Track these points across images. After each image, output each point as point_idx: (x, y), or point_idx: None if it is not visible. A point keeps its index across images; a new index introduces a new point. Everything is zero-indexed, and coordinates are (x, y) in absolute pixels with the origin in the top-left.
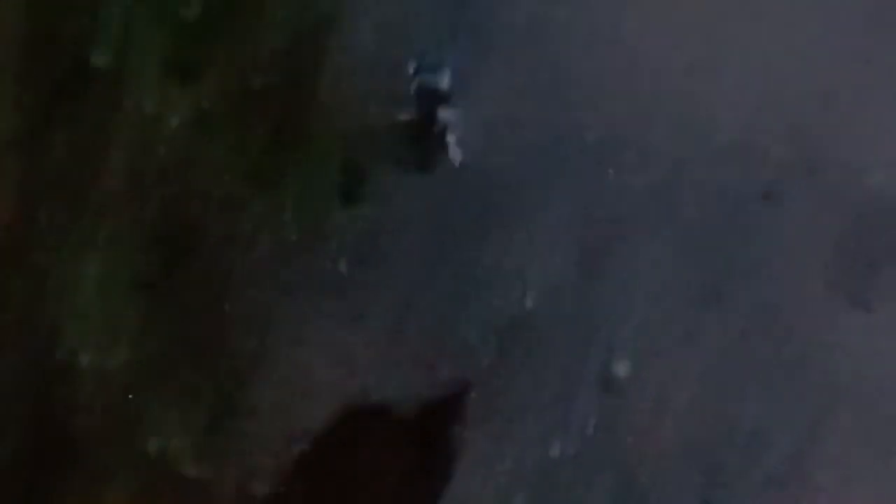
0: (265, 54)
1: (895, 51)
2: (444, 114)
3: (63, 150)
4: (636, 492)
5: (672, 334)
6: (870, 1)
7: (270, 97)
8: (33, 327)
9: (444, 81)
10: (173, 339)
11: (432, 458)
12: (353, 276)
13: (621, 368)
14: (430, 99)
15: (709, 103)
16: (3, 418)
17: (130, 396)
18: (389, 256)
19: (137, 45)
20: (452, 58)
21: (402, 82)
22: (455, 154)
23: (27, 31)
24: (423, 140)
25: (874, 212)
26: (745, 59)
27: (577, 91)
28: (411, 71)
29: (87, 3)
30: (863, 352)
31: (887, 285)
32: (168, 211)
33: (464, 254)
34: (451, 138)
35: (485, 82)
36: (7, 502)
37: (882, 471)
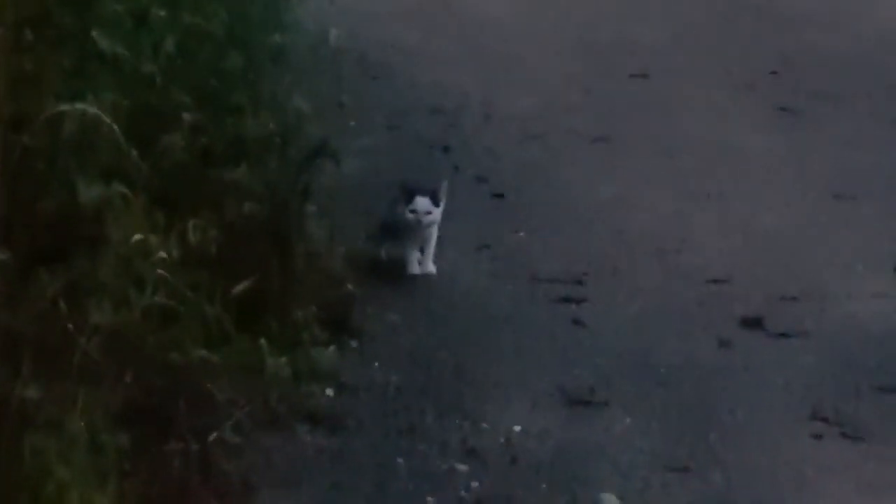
0: (254, 186)
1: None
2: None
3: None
4: None
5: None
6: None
7: (257, 228)
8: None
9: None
10: (157, 479)
11: None
12: (340, 407)
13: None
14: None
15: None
16: None
17: None
18: (376, 386)
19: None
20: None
21: (388, 210)
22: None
23: (15, 164)
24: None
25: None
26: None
27: (558, 233)
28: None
29: (78, 135)
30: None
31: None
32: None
33: (448, 384)
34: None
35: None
36: None
37: None
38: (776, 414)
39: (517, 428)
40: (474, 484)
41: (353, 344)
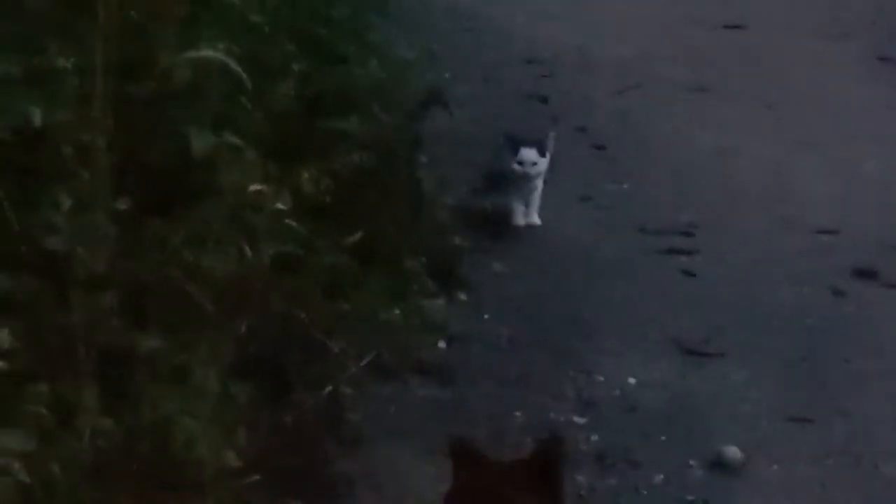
0: (363, 137)
1: None
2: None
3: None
4: None
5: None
6: None
7: (367, 181)
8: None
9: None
10: (276, 430)
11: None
12: (452, 358)
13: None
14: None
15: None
16: None
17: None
18: (487, 338)
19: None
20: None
21: (493, 161)
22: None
23: (126, 117)
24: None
25: None
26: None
27: (661, 184)
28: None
29: (187, 87)
30: None
31: None
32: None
33: (560, 335)
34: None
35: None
36: None
37: None
38: (893, 363)
39: (632, 380)
40: (594, 437)
41: (462, 296)
